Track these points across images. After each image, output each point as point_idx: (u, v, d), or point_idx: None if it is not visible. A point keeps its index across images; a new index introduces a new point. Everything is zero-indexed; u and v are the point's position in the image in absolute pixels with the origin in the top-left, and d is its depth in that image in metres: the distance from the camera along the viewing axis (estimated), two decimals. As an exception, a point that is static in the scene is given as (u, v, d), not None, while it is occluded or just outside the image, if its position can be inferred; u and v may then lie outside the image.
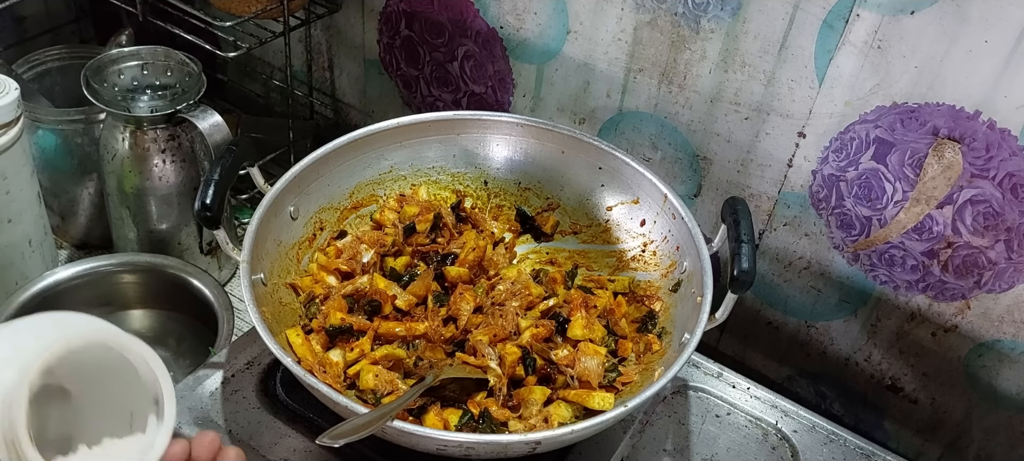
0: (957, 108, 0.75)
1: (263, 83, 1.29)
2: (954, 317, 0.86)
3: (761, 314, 0.99)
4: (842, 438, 0.85)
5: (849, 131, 0.82)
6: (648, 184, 0.85)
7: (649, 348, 0.77)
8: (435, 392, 0.71)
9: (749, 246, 0.72)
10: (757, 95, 0.85)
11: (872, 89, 0.79)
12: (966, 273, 0.82)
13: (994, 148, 0.75)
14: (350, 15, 1.12)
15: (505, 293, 0.80)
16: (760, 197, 0.92)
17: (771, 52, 0.82)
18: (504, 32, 0.99)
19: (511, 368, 0.73)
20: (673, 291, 0.81)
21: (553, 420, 0.69)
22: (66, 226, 1.06)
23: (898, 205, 0.82)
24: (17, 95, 0.82)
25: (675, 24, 0.86)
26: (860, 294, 0.90)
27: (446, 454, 0.64)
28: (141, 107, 0.95)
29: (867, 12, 0.75)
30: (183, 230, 0.98)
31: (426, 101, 1.12)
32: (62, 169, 1.00)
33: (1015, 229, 0.78)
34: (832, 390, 0.99)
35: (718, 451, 0.83)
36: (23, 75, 1.02)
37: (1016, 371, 0.86)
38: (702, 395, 0.88)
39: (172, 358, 0.95)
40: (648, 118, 0.94)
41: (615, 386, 0.74)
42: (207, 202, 0.72)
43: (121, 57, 0.94)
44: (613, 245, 0.88)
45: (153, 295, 0.95)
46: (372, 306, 0.77)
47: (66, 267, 0.90)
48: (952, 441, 0.93)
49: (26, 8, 1.21)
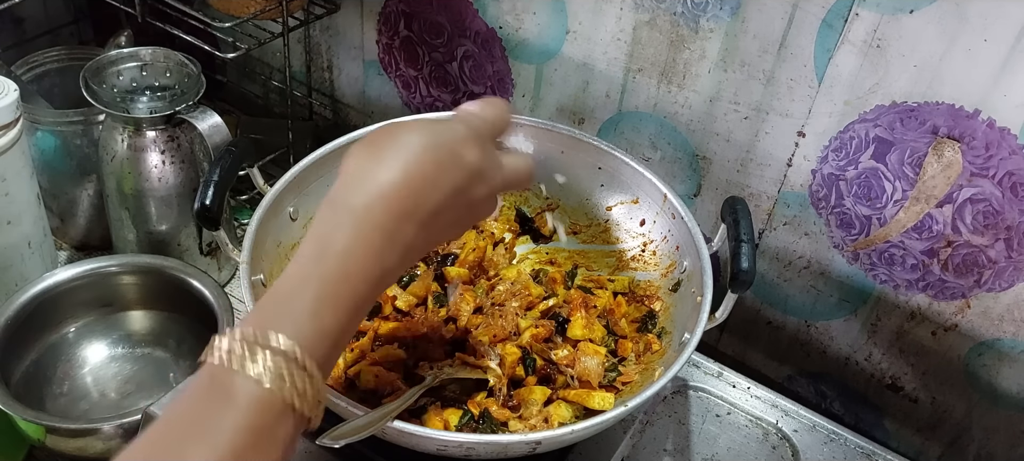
0: (956, 107, 0.75)
1: (262, 84, 1.29)
2: (954, 316, 0.86)
3: (761, 314, 0.99)
4: (842, 437, 0.85)
5: (848, 130, 0.82)
6: (648, 184, 0.85)
7: (649, 348, 0.77)
8: (435, 392, 0.71)
9: (749, 245, 0.72)
10: (756, 94, 0.85)
11: (871, 88, 0.79)
12: (966, 272, 0.82)
13: (994, 147, 0.75)
14: (349, 16, 1.12)
15: (505, 293, 0.80)
16: (760, 196, 0.92)
17: (770, 51, 0.82)
18: (503, 32, 0.99)
19: (511, 368, 0.73)
20: (673, 291, 0.81)
21: (553, 420, 0.69)
22: (65, 227, 1.06)
23: (898, 204, 0.82)
24: (16, 96, 0.82)
25: (674, 24, 0.86)
26: (860, 293, 0.90)
27: (446, 454, 0.64)
28: (140, 108, 0.95)
29: (866, 11, 0.75)
30: (183, 231, 0.98)
31: (425, 101, 1.12)
32: (61, 170, 1.00)
33: (1015, 228, 0.78)
34: (832, 389, 0.99)
35: (718, 451, 0.83)
36: (22, 76, 1.02)
37: (1016, 370, 0.86)
38: (702, 395, 0.88)
39: (172, 359, 0.95)
40: (647, 118, 0.94)
41: (615, 386, 0.74)
42: (207, 203, 0.72)
43: (120, 58, 0.94)
44: (613, 245, 0.88)
45: (153, 296, 0.95)
46: (372, 307, 0.77)
47: (66, 268, 0.90)
48: (952, 440, 0.93)
49: (25, 10, 1.21)
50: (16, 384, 0.85)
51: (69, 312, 0.92)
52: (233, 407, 0.42)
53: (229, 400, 0.42)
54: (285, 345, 0.43)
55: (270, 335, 0.43)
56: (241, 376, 0.42)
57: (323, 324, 0.46)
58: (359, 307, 0.48)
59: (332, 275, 0.47)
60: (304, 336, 0.44)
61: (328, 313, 0.46)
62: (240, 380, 0.42)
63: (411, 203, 0.49)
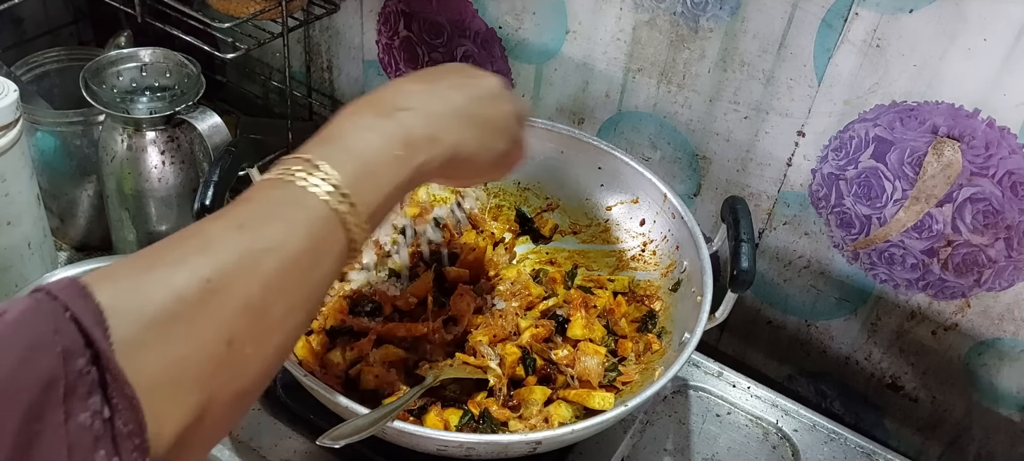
0: (956, 106, 0.75)
1: (262, 84, 1.29)
2: (954, 315, 0.86)
3: (761, 313, 0.99)
4: (843, 437, 0.85)
5: (848, 130, 0.82)
6: (647, 183, 0.85)
7: (649, 348, 0.77)
8: (435, 392, 0.71)
9: (749, 245, 0.72)
10: (756, 94, 0.85)
11: (871, 88, 0.79)
12: (966, 271, 0.82)
13: (993, 146, 0.75)
14: (349, 16, 1.12)
15: (505, 293, 0.80)
16: (760, 196, 0.92)
17: (770, 51, 0.82)
18: (503, 32, 0.99)
19: (511, 368, 0.73)
20: (673, 290, 0.81)
21: (553, 420, 0.69)
22: (65, 228, 1.06)
23: (898, 204, 0.82)
24: (16, 97, 0.81)
25: (674, 23, 0.86)
26: (860, 293, 0.90)
27: (447, 454, 0.64)
28: (140, 109, 0.95)
29: (866, 11, 0.75)
30: (182, 232, 0.97)
31: (425, 101, 1.12)
32: (61, 171, 1.00)
33: (1015, 227, 0.78)
34: (832, 389, 0.99)
35: (719, 450, 0.83)
36: (22, 77, 1.02)
37: (1016, 369, 0.86)
38: (702, 394, 0.88)
39: (172, 360, 0.95)
40: (647, 118, 0.94)
41: (615, 386, 0.74)
42: (206, 203, 0.72)
43: (120, 59, 0.94)
44: (613, 245, 0.88)
45: (153, 297, 0.95)
46: (373, 307, 0.77)
47: (66, 269, 0.89)
48: (953, 439, 0.93)
49: (24, 10, 1.20)
50: (16, 385, 0.84)
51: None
52: (300, 206, 0.46)
53: (296, 201, 0.46)
54: (335, 177, 0.47)
55: (322, 164, 0.47)
56: (302, 187, 0.46)
57: (368, 176, 0.50)
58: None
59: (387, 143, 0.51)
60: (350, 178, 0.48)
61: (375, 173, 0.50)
62: (299, 188, 0.46)
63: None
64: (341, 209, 0.46)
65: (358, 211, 0.47)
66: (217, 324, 0.40)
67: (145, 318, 0.38)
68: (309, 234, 0.45)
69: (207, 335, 0.40)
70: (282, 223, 0.45)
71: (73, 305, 0.36)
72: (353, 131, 0.51)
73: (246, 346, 0.42)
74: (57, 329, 0.35)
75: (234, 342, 0.41)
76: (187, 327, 0.39)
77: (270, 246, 0.43)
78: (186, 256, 0.42)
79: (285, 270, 0.44)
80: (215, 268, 0.41)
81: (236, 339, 0.41)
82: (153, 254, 0.42)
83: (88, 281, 0.38)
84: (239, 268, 0.42)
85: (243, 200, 0.47)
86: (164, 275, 0.40)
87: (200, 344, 0.40)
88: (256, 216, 0.45)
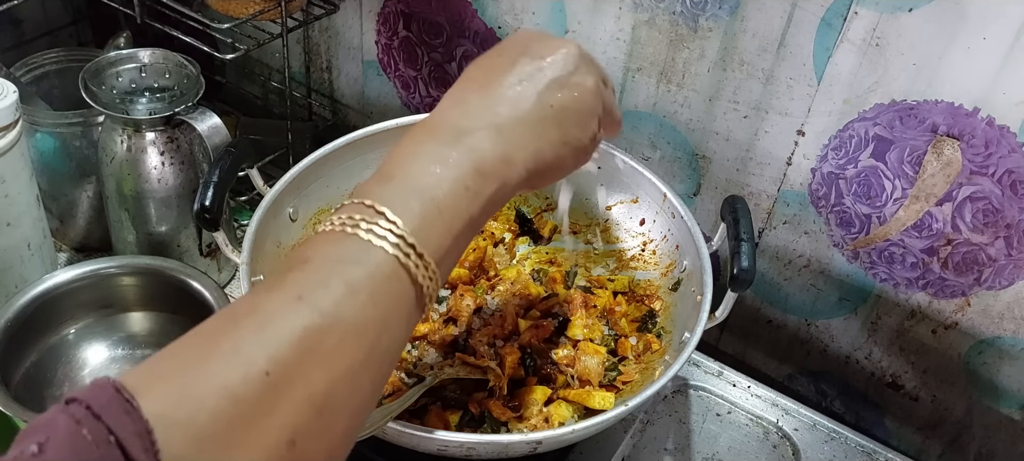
0: (956, 105, 0.75)
1: (261, 85, 1.29)
2: (954, 314, 0.86)
3: (761, 312, 0.99)
4: (843, 436, 0.85)
5: (848, 129, 0.82)
6: (647, 183, 0.85)
7: (649, 347, 0.77)
8: (435, 392, 0.71)
9: (749, 244, 0.72)
10: (756, 93, 0.85)
11: (871, 87, 0.79)
12: (966, 270, 0.82)
13: (993, 145, 0.75)
14: (348, 16, 1.12)
15: (505, 293, 0.80)
16: (759, 195, 0.92)
17: (770, 50, 0.82)
18: (502, 32, 0.99)
19: (511, 368, 0.73)
20: (673, 290, 0.81)
21: (554, 420, 0.69)
22: (65, 229, 1.06)
23: (897, 202, 0.82)
24: (15, 98, 0.81)
25: (673, 23, 0.86)
26: (860, 292, 0.90)
27: (447, 454, 0.64)
28: (139, 110, 0.95)
29: (865, 10, 0.75)
30: (182, 232, 0.97)
31: (425, 102, 1.12)
32: (61, 172, 1.00)
33: (1015, 226, 0.78)
34: (833, 388, 0.99)
35: (719, 450, 0.83)
36: (21, 78, 1.02)
37: (1016, 368, 0.86)
38: (703, 394, 0.88)
39: (172, 360, 0.95)
40: (647, 117, 0.94)
41: (615, 385, 0.74)
42: (206, 204, 0.72)
43: (119, 60, 0.94)
44: (613, 244, 0.88)
45: (153, 297, 0.95)
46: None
47: (65, 270, 0.89)
48: (953, 438, 0.93)
49: (23, 11, 1.20)
50: (16, 386, 0.84)
51: (69, 314, 0.91)
52: (362, 264, 0.41)
53: (357, 258, 0.41)
54: (399, 224, 0.43)
55: (385, 211, 0.43)
56: (367, 241, 0.42)
57: (435, 215, 0.45)
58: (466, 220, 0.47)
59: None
60: (414, 223, 0.44)
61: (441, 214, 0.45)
62: (364, 242, 0.42)
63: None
64: (408, 261, 0.42)
65: (426, 260, 0.43)
66: (279, 425, 0.36)
67: (198, 430, 0.34)
68: (373, 298, 0.41)
69: (267, 439, 0.36)
70: (343, 288, 0.40)
71: (118, 429, 0.33)
72: (415, 165, 0.46)
73: (309, 442, 0.38)
74: (102, 459, 0.32)
75: (297, 441, 0.37)
76: (244, 433, 0.35)
77: (332, 322, 0.39)
78: (241, 342, 0.37)
79: (349, 347, 0.39)
80: (273, 356, 0.37)
81: (299, 437, 0.37)
82: (206, 339, 0.38)
83: (135, 386, 0.35)
84: (300, 352, 0.38)
85: (301, 261, 0.42)
86: (218, 370, 0.36)
87: (260, 451, 0.36)
88: (314, 282, 0.40)
